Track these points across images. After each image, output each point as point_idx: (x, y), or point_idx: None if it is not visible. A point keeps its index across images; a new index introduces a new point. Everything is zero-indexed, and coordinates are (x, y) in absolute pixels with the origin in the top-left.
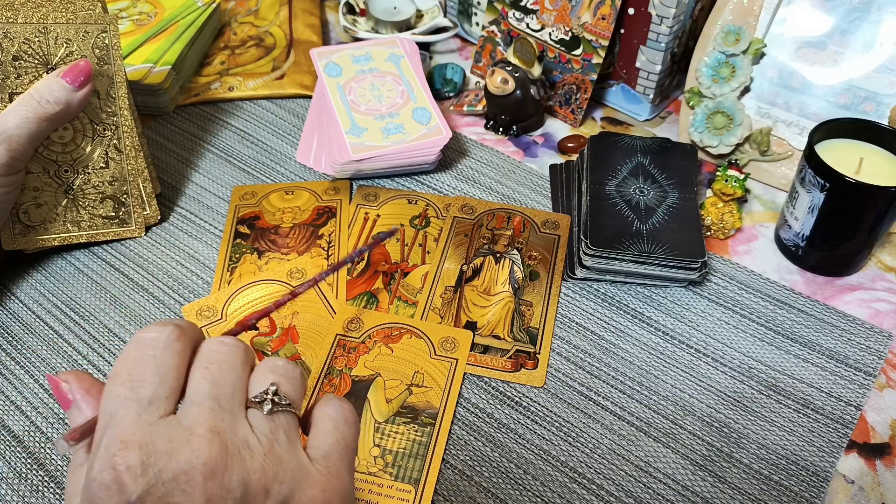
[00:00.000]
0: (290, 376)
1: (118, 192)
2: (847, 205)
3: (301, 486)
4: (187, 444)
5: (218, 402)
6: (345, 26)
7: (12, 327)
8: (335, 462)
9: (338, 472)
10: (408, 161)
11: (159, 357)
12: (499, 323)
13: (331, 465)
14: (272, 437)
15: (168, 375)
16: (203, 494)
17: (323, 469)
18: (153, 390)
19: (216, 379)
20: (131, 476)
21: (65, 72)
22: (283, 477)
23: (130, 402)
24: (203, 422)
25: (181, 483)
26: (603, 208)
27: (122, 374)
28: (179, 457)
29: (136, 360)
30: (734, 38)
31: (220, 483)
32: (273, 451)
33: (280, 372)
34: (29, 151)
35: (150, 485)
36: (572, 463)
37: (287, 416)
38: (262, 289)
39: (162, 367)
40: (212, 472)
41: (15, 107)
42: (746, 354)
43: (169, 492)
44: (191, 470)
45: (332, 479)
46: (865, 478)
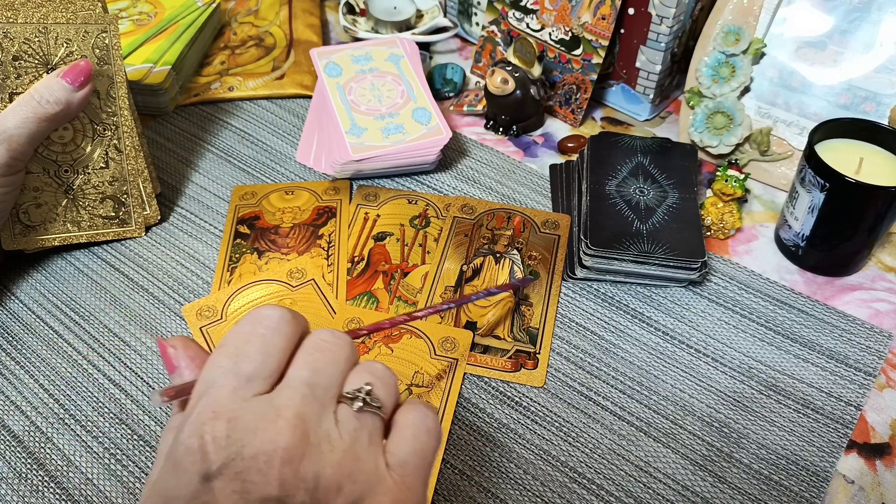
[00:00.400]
0: (387, 382)
1: (118, 192)
2: (847, 205)
3: (374, 491)
4: (272, 425)
5: (312, 390)
6: (345, 26)
7: (12, 327)
8: (411, 472)
9: (412, 484)
10: (408, 161)
11: (268, 336)
12: (499, 323)
13: (406, 475)
14: (355, 435)
15: (272, 356)
16: (278, 478)
17: (398, 478)
18: (254, 367)
19: (316, 367)
20: (215, 446)
21: (65, 72)
22: (357, 477)
23: (230, 375)
24: (292, 406)
25: (260, 463)
26: (603, 208)
27: (230, 347)
28: (263, 436)
29: (245, 335)
30: (734, 38)
31: (295, 470)
32: (353, 449)
33: (378, 375)
34: (29, 151)
35: (230, 458)
36: (572, 463)
37: (374, 418)
38: (262, 289)
39: (268, 347)
40: (290, 458)
41: (15, 107)
42: (746, 354)
43: (247, 468)
44: (271, 451)
45: (405, 490)
46: (865, 478)
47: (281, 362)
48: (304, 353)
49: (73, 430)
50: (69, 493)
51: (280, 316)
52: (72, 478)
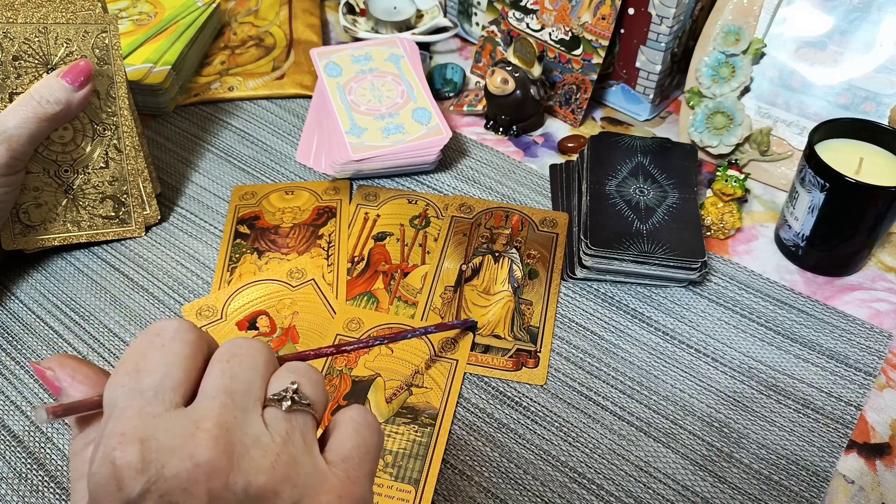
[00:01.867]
0: (312, 379)
1: (118, 192)
2: (847, 205)
3: (315, 491)
4: (192, 440)
5: (231, 397)
6: (345, 26)
7: (12, 327)
8: (354, 466)
9: (356, 478)
10: (408, 161)
11: (167, 346)
12: (499, 322)
13: (349, 470)
14: (287, 437)
15: (175, 366)
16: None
17: (341, 474)
18: (158, 380)
19: (234, 374)
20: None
21: (65, 72)
22: (295, 480)
23: (133, 393)
24: (212, 416)
25: (182, 481)
26: (603, 208)
27: (128, 364)
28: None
29: (142, 349)
30: (734, 38)
31: (225, 483)
32: (286, 451)
33: (302, 373)
34: (29, 151)
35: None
36: (572, 463)
37: (305, 416)
38: (262, 289)
39: (169, 357)
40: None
41: (15, 107)
42: (746, 354)
43: (170, 489)
44: (193, 468)
45: (350, 485)
46: (865, 478)
47: (188, 371)
48: (218, 362)
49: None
50: (69, 492)
51: (177, 325)
52: None
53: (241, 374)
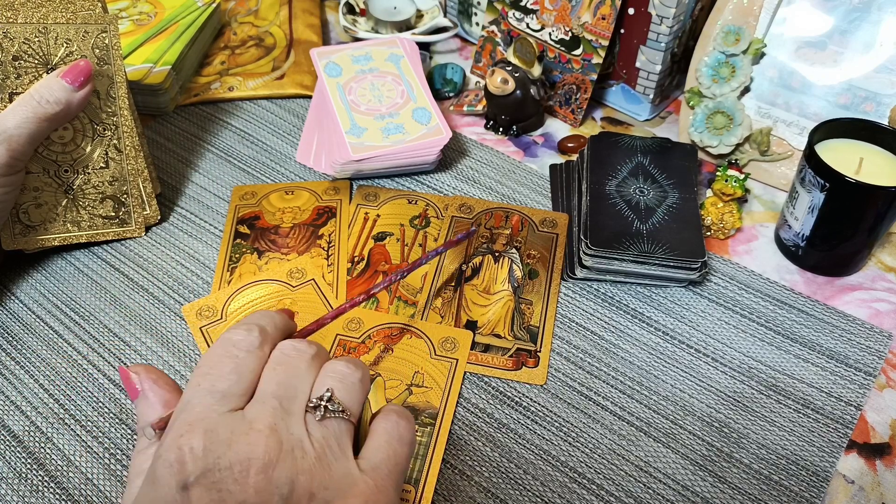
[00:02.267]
0: (349, 381)
1: (118, 192)
2: (847, 205)
3: (345, 495)
4: (246, 437)
5: (280, 402)
6: (345, 26)
7: (12, 327)
8: (383, 476)
9: (384, 487)
10: (408, 161)
11: (241, 358)
12: (499, 322)
13: (378, 479)
14: (324, 442)
15: (244, 376)
16: (253, 486)
17: (370, 481)
18: (227, 386)
19: (281, 380)
20: (192, 457)
21: (65, 72)
22: (328, 483)
23: (206, 394)
24: (264, 418)
25: (235, 472)
26: (603, 208)
27: (204, 368)
28: (238, 447)
29: (219, 357)
30: (734, 38)
31: (270, 478)
32: (324, 456)
33: (338, 377)
34: (29, 151)
35: (207, 469)
36: (572, 463)
37: (339, 422)
38: (262, 289)
39: (241, 367)
40: (264, 466)
41: (15, 107)
42: (746, 354)
43: (223, 478)
44: (245, 461)
45: (377, 493)
46: (865, 478)
47: (253, 381)
48: (269, 369)
49: (73, 430)
50: (69, 493)
51: (252, 340)
52: (72, 478)
53: (286, 381)
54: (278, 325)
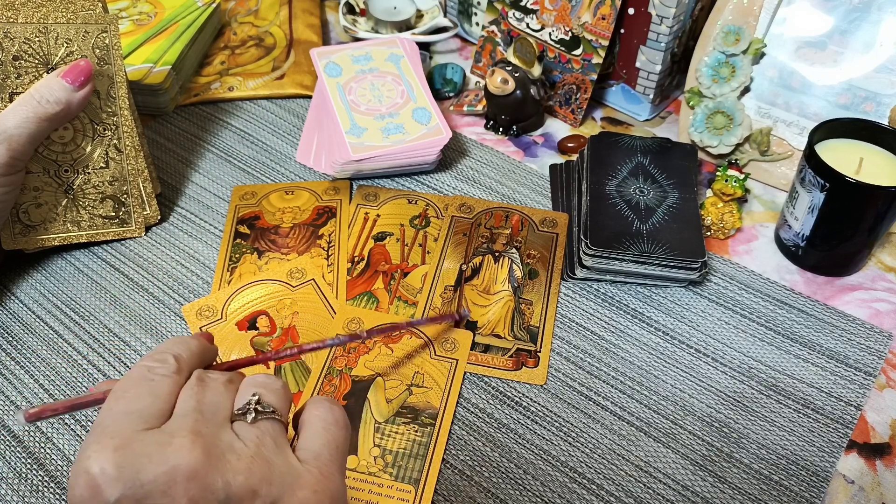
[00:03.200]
0: (272, 388)
1: (118, 191)
2: (847, 205)
3: (291, 488)
4: (168, 447)
5: (202, 414)
6: (345, 26)
7: (12, 327)
8: (326, 463)
9: (329, 473)
10: (408, 161)
11: (157, 381)
12: (499, 322)
13: (322, 466)
14: (259, 441)
15: (161, 398)
16: (185, 495)
17: (314, 470)
18: (144, 406)
19: (200, 397)
20: (106, 479)
21: (65, 72)
22: (271, 478)
23: (120, 415)
24: (186, 427)
25: (161, 485)
26: (603, 208)
27: (119, 391)
28: (159, 459)
29: (134, 381)
30: (734, 38)
31: (203, 484)
32: (260, 453)
33: (261, 385)
34: (29, 151)
35: (126, 488)
36: (572, 463)
37: (272, 422)
38: (261, 289)
39: (157, 390)
40: (193, 474)
41: (15, 107)
42: (746, 354)
43: (148, 494)
44: (171, 471)
45: (324, 480)
46: (865, 478)
47: (170, 404)
48: (187, 389)
49: (73, 430)
50: None
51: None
52: None
53: (206, 397)
54: (194, 352)
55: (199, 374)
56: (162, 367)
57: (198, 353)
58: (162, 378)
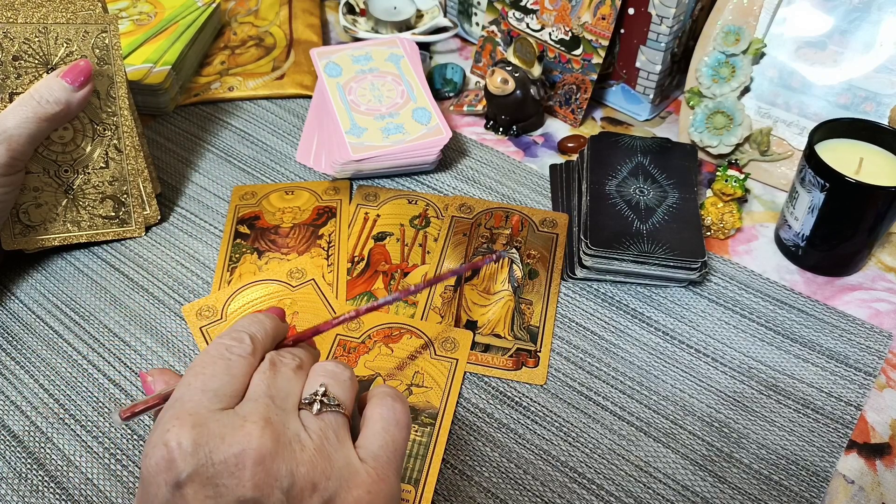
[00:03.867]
0: (340, 378)
1: (118, 192)
2: (847, 205)
3: (347, 486)
4: (241, 430)
5: (272, 400)
6: (345, 26)
7: (12, 327)
8: (383, 464)
9: (385, 475)
10: (408, 161)
11: (233, 360)
12: (499, 321)
13: (379, 467)
14: (322, 434)
15: (237, 378)
16: (251, 479)
17: (371, 470)
18: (220, 385)
19: (271, 382)
20: (181, 454)
21: (65, 72)
22: (330, 473)
23: (197, 391)
24: (257, 412)
25: (230, 466)
26: (603, 208)
27: (197, 368)
28: (232, 440)
29: (212, 357)
30: (734, 38)
31: (268, 470)
32: (323, 448)
33: (330, 374)
34: (29, 151)
35: (199, 464)
36: (572, 463)
37: (336, 415)
38: (262, 289)
39: (233, 369)
40: (261, 458)
41: (15, 107)
42: (746, 354)
43: (218, 473)
44: (241, 454)
45: (379, 482)
46: (865, 478)
47: (244, 384)
48: (259, 373)
49: (73, 430)
50: (69, 493)
51: (245, 348)
52: (72, 478)
53: (277, 383)
54: (269, 333)
55: (272, 359)
56: (239, 346)
57: (272, 334)
58: (238, 358)
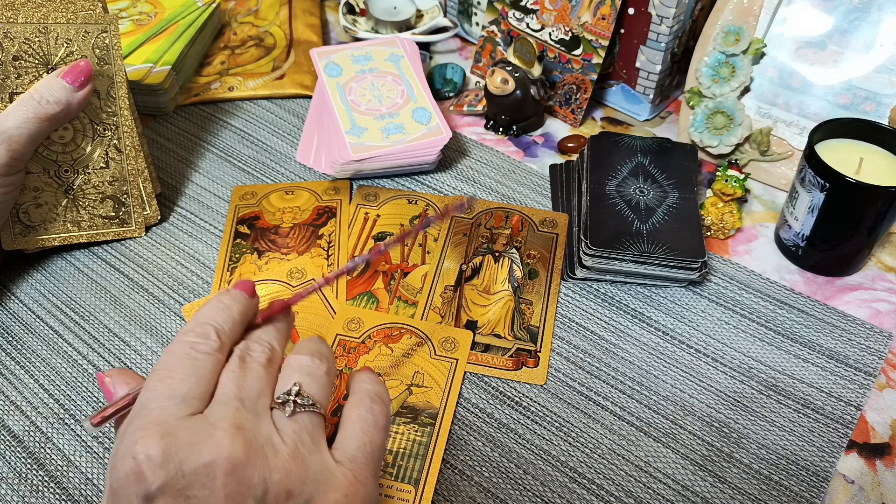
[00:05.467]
0: (315, 374)
1: (118, 192)
2: (847, 205)
3: (324, 490)
4: (210, 439)
5: (242, 402)
6: (345, 26)
7: (12, 327)
8: (360, 466)
9: (363, 477)
10: (408, 161)
11: (200, 360)
12: (499, 321)
13: (356, 469)
14: (296, 437)
15: (204, 379)
16: (223, 490)
17: (348, 473)
18: (188, 389)
19: (241, 382)
20: (150, 466)
21: (65, 72)
22: (305, 478)
23: (164, 398)
24: (227, 418)
25: (201, 476)
26: (603, 208)
27: (163, 370)
28: (202, 449)
29: (178, 358)
30: (734, 38)
31: (240, 479)
32: (297, 452)
33: (305, 370)
34: (29, 151)
35: (169, 476)
36: (572, 463)
37: (311, 416)
38: (261, 289)
39: (200, 370)
40: (233, 467)
41: (15, 107)
42: (746, 354)
43: (189, 484)
44: (211, 463)
45: (357, 484)
46: (865, 478)
47: (212, 384)
48: (228, 371)
49: (73, 430)
50: (69, 493)
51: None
52: (72, 478)
53: (247, 382)
54: (236, 320)
55: (240, 354)
56: (205, 343)
57: (239, 320)
58: (205, 356)
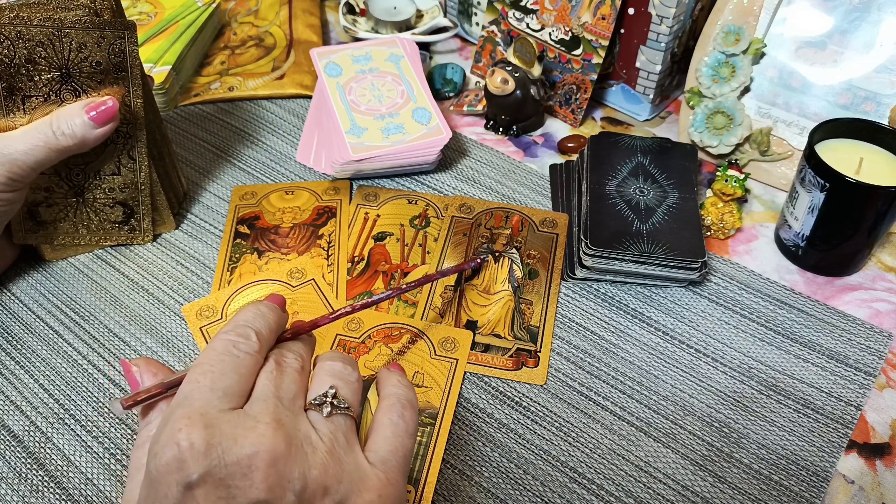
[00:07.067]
0: (348, 380)
1: (129, 198)
2: (847, 205)
3: (358, 489)
4: (253, 431)
5: (280, 401)
6: (345, 26)
7: (12, 327)
8: (392, 468)
9: (394, 479)
10: (408, 161)
11: (241, 358)
12: (499, 321)
13: (388, 472)
14: (333, 437)
15: (244, 377)
16: (264, 481)
17: (381, 474)
18: (230, 384)
19: (278, 383)
20: (193, 454)
21: (91, 106)
22: (341, 477)
23: (206, 390)
24: (268, 413)
25: (243, 467)
26: (603, 208)
27: (205, 365)
28: (244, 441)
29: (219, 354)
30: (734, 38)
31: (281, 472)
32: (334, 450)
33: (339, 376)
34: (31, 175)
35: (211, 465)
36: (572, 463)
37: (345, 418)
38: (262, 289)
39: (241, 367)
40: (274, 460)
41: (28, 131)
42: (746, 354)
43: (230, 475)
44: (254, 455)
45: (389, 486)
46: (865, 478)
47: (251, 383)
48: (266, 373)
49: (73, 430)
50: (69, 493)
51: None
52: (72, 478)
53: (283, 384)
54: (272, 327)
55: (276, 358)
56: (245, 343)
57: (274, 328)
58: (245, 356)
